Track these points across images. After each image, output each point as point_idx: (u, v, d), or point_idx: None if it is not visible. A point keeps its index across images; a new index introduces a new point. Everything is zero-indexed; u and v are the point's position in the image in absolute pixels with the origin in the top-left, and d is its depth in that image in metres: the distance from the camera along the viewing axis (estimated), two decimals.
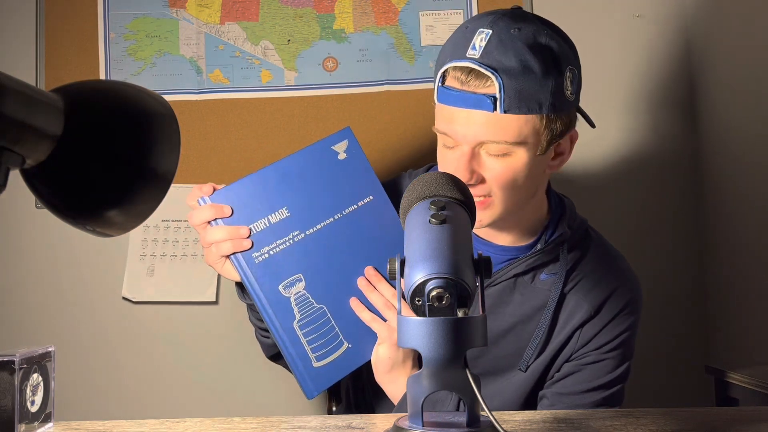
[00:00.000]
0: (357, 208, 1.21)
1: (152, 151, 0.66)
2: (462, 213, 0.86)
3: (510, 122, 1.09)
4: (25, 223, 1.94)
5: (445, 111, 1.13)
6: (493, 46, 1.08)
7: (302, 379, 1.15)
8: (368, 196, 1.22)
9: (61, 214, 0.65)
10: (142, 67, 1.95)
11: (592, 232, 1.30)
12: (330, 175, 1.20)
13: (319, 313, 1.16)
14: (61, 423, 1.00)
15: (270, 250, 1.15)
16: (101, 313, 1.94)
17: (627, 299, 1.24)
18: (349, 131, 1.24)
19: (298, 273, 1.16)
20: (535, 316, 1.22)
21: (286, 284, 1.15)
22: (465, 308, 0.75)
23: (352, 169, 1.22)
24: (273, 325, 1.15)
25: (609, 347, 1.23)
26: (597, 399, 1.23)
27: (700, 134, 1.92)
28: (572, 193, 1.47)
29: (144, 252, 1.92)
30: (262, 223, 1.15)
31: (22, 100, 0.58)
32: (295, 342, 1.15)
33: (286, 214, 1.16)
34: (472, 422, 0.77)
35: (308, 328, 1.16)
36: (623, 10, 1.95)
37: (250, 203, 1.15)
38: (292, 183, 1.18)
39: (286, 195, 1.17)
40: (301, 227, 1.17)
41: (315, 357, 1.15)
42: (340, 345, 1.17)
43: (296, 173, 1.18)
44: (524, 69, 1.07)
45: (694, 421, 0.96)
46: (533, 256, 1.21)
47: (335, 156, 1.21)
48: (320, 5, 1.95)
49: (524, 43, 1.08)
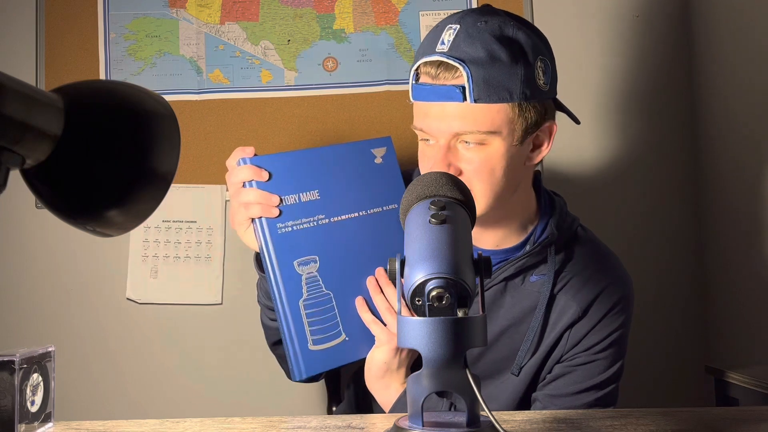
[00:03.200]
0: (382, 211, 1.25)
1: (152, 151, 0.66)
2: (462, 213, 0.86)
3: (481, 111, 1.10)
4: (25, 223, 1.94)
5: (420, 107, 1.15)
6: (460, 40, 1.11)
7: (294, 358, 1.16)
8: (393, 204, 1.26)
9: (61, 214, 0.65)
10: (142, 67, 1.95)
11: (582, 231, 1.30)
12: (364, 174, 1.25)
13: (325, 297, 1.18)
14: (61, 423, 1.00)
15: (294, 225, 1.18)
16: (101, 313, 1.94)
17: (616, 298, 1.24)
18: (389, 140, 1.30)
19: (315, 254, 1.19)
20: (527, 318, 1.21)
21: (301, 261, 1.18)
22: (465, 308, 0.75)
23: (385, 175, 1.27)
24: (279, 298, 1.17)
25: (599, 347, 1.23)
26: (590, 400, 1.22)
27: (700, 134, 1.92)
28: (571, 192, 1.47)
29: (146, 253, 1.92)
30: (292, 198, 1.19)
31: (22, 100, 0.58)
32: (297, 319, 1.16)
33: (317, 197, 1.20)
34: (472, 422, 0.77)
35: (312, 309, 1.17)
36: (623, 10, 1.95)
37: (287, 176, 1.19)
38: (329, 170, 1.22)
39: (320, 179, 1.21)
40: (327, 213, 1.21)
41: (312, 339, 1.16)
42: (338, 335, 1.18)
43: (334, 162, 1.23)
44: (491, 58, 1.09)
45: (694, 421, 0.96)
46: (522, 259, 1.21)
47: (373, 158, 1.27)
48: (320, 5, 1.95)
49: (491, 34, 1.11)
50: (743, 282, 1.73)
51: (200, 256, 1.91)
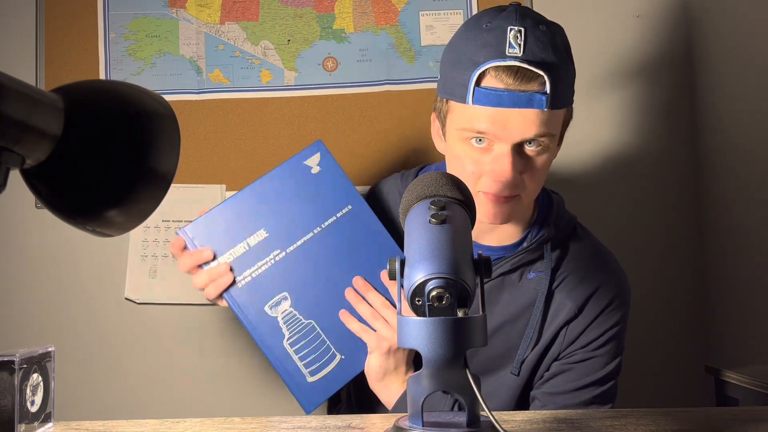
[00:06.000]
0: (336, 219, 1.21)
1: (152, 151, 0.66)
2: (462, 213, 0.86)
3: (555, 117, 1.12)
4: (25, 223, 1.94)
5: (485, 111, 1.09)
6: (532, 44, 1.08)
7: (298, 395, 1.17)
8: (346, 206, 1.22)
9: (61, 214, 0.65)
10: (142, 67, 1.95)
11: (579, 229, 1.30)
12: (305, 191, 1.21)
13: (308, 328, 1.17)
14: (61, 423, 1.00)
15: (252, 272, 1.17)
16: (101, 312, 1.94)
17: (612, 295, 1.24)
18: (320, 144, 1.24)
19: (283, 292, 1.17)
20: (523, 315, 1.22)
21: (271, 304, 1.17)
22: (465, 308, 0.75)
23: (326, 182, 1.22)
24: (264, 346, 1.17)
25: (596, 344, 1.23)
26: (588, 397, 1.22)
27: (700, 134, 1.92)
28: (571, 192, 1.48)
29: (145, 253, 1.92)
30: (241, 248, 1.17)
31: (22, 100, 0.58)
32: (287, 360, 1.16)
33: (265, 235, 1.18)
34: (472, 422, 0.77)
35: (299, 344, 1.17)
36: (623, 10, 1.95)
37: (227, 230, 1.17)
38: (268, 204, 1.19)
39: (262, 217, 1.18)
40: (281, 246, 1.18)
41: (308, 372, 1.16)
42: (332, 358, 1.18)
43: (270, 194, 1.20)
44: (562, 64, 1.11)
45: (694, 421, 0.96)
46: (518, 255, 1.22)
47: (308, 171, 1.22)
48: (320, 5, 1.95)
49: (551, 39, 1.11)
50: (743, 282, 1.73)
51: None
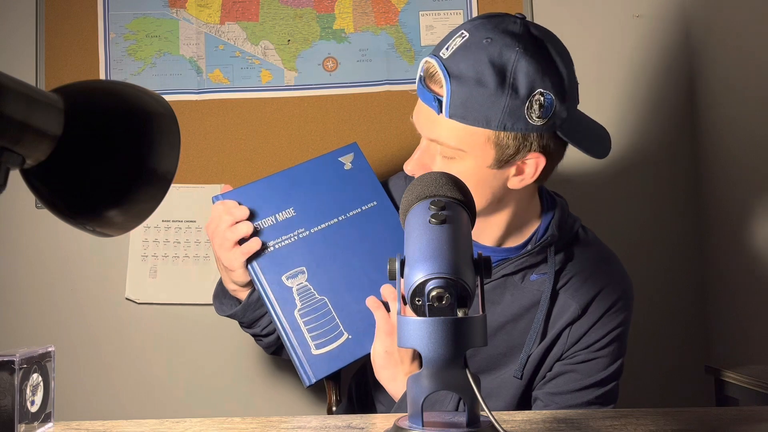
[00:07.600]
0: (361, 211, 1.30)
1: (152, 151, 0.66)
2: (462, 213, 0.86)
3: (452, 127, 1.11)
4: (25, 223, 1.94)
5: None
6: (460, 51, 1.10)
7: (301, 365, 1.19)
8: (372, 202, 1.31)
9: (61, 214, 0.65)
10: (142, 67, 1.95)
11: (583, 232, 1.30)
12: (336, 182, 1.31)
13: (320, 304, 1.22)
14: (61, 423, 1.00)
15: (275, 243, 1.24)
16: (101, 312, 1.94)
17: (615, 297, 1.24)
18: (355, 146, 1.35)
19: (302, 266, 1.24)
20: (525, 315, 1.22)
21: (289, 275, 1.23)
22: (465, 308, 0.75)
23: (357, 178, 1.32)
24: (275, 313, 1.20)
25: (599, 345, 1.23)
26: (590, 398, 1.23)
27: (700, 134, 1.92)
28: (572, 193, 1.48)
29: (145, 253, 1.92)
30: (269, 220, 1.25)
31: (22, 100, 0.58)
32: (296, 329, 1.20)
33: (293, 214, 1.26)
34: (472, 422, 0.77)
35: (309, 317, 1.21)
36: (623, 10, 1.95)
37: (258, 204, 1.25)
38: (300, 187, 1.28)
39: (292, 198, 1.27)
40: (306, 226, 1.26)
41: (314, 344, 1.19)
42: (340, 335, 1.21)
43: (303, 179, 1.29)
44: (477, 81, 1.08)
45: (694, 421, 0.96)
46: (522, 258, 1.22)
47: (342, 166, 1.33)
48: (320, 5, 1.95)
49: (488, 56, 1.08)
50: (743, 282, 1.73)
51: (200, 256, 1.91)
